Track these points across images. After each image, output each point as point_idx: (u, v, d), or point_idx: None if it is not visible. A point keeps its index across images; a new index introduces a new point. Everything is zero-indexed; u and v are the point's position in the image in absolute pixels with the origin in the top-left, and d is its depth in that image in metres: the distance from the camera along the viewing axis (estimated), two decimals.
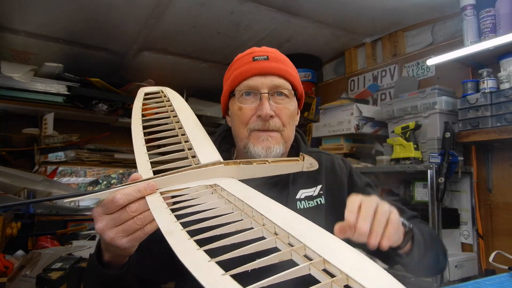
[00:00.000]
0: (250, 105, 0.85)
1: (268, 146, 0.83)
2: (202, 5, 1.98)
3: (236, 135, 0.89)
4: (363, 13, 2.12)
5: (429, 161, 1.72)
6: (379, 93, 2.45)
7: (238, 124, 0.86)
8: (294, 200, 0.89)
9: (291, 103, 0.87)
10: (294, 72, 0.91)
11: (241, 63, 0.88)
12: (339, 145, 2.27)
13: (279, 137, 0.85)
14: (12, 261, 2.19)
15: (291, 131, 0.88)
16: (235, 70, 0.88)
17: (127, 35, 2.31)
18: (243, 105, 0.85)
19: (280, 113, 0.84)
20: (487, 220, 1.80)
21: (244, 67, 0.86)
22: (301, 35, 2.39)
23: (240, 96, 0.86)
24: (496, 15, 1.67)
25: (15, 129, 2.64)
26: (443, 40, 2.09)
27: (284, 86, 0.86)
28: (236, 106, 0.86)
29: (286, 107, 0.85)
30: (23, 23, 2.12)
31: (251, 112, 0.84)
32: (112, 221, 0.57)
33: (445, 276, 1.62)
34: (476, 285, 0.86)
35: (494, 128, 1.61)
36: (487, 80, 1.69)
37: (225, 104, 0.94)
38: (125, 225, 0.57)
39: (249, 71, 0.85)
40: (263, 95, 0.83)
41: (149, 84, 2.70)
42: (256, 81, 0.84)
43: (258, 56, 0.86)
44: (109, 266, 0.68)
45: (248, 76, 0.85)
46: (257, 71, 0.84)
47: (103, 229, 0.57)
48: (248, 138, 0.85)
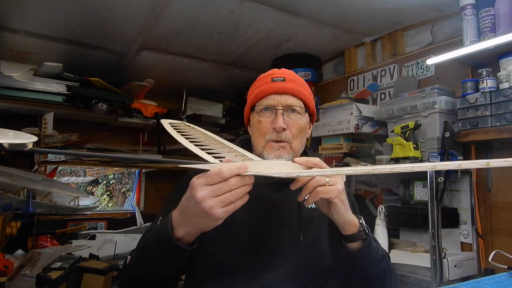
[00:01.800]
0: (267, 119, 1.00)
1: (279, 154, 0.97)
2: (202, 5, 1.98)
3: (255, 144, 1.04)
4: (363, 12, 2.12)
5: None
6: (378, 93, 2.45)
7: (257, 134, 1.02)
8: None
9: (302, 119, 1.02)
10: (306, 92, 1.05)
11: (262, 82, 1.05)
12: (338, 144, 2.27)
13: (288, 147, 0.99)
14: (11, 260, 2.19)
15: (300, 143, 1.03)
16: (257, 88, 1.04)
17: (127, 34, 2.31)
18: (262, 119, 1.01)
19: (291, 127, 0.99)
20: (486, 220, 1.80)
21: (264, 86, 1.02)
22: (300, 35, 2.39)
23: (260, 111, 1.02)
24: (496, 14, 1.67)
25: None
26: (442, 40, 2.09)
27: (297, 104, 1.01)
28: (256, 119, 1.02)
29: (298, 122, 1.00)
30: (22, 23, 2.12)
31: (268, 125, 1.00)
32: (213, 191, 0.67)
33: (444, 275, 1.63)
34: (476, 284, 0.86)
35: (493, 128, 1.62)
36: (486, 80, 1.69)
37: (247, 116, 1.10)
38: (223, 196, 0.68)
39: (268, 90, 1.01)
40: (278, 111, 0.99)
41: (149, 84, 2.70)
42: (273, 99, 1.00)
43: (276, 77, 1.02)
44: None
45: (266, 94, 1.01)
46: (274, 90, 1.00)
47: (205, 197, 0.67)
48: (264, 148, 1.00)
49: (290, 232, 0.96)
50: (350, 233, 0.86)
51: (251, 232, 0.94)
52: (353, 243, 0.87)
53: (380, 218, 1.93)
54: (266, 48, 2.57)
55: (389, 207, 1.96)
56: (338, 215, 0.83)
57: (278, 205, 0.99)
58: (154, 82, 2.71)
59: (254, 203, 0.96)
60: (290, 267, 0.93)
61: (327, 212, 0.84)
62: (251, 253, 0.93)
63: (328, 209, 0.84)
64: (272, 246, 0.94)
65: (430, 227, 1.65)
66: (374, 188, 2.38)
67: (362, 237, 0.87)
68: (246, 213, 0.94)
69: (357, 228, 0.86)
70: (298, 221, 0.97)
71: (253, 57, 2.69)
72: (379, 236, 1.90)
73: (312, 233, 0.98)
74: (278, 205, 0.99)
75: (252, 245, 0.93)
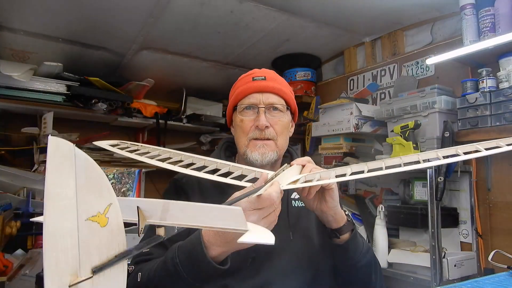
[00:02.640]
0: (250, 117, 1.00)
1: (263, 152, 0.98)
2: (202, 4, 1.98)
3: (238, 143, 1.04)
4: (363, 12, 2.12)
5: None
6: (378, 92, 2.45)
7: (240, 133, 1.02)
8: (290, 199, 1.02)
9: (284, 116, 1.03)
10: (288, 91, 1.06)
11: (242, 82, 1.05)
12: (338, 144, 2.27)
13: (273, 144, 1.00)
14: (11, 260, 2.19)
15: (284, 140, 1.03)
16: (238, 88, 1.05)
17: (127, 34, 2.30)
18: (244, 117, 1.01)
19: (274, 125, 1.00)
20: (486, 219, 1.80)
21: (245, 86, 1.02)
22: (300, 34, 2.39)
23: (242, 110, 1.02)
24: (496, 14, 1.67)
25: (15, 128, 2.64)
26: (442, 39, 2.09)
27: (278, 102, 1.02)
28: (238, 118, 1.02)
29: (280, 120, 1.01)
30: (22, 22, 2.11)
31: (250, 123, 0.99)
32: (262, 214, 0.71)
33: (444, 275, 1.63)
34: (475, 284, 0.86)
35: (493, 127, 1.62)
36: (486, 79, 1.69)
37: (230, 116, 1.09)
38: (269, 216, 0.73)
39: (249, 89, 1.01)
40: (260, 109, 0.99)
41: (148, 84, 2.70)
42: (255, 97, 1.01)
43: (257, 76, 1.03)
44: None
45: (248, 93, 1.01)
46: (256, 89, 1.01)
47: (256, 222, 0.70)
48: (247, 146, 1.00)
49: (279, 230, 0.96)
50: (340, 225, 0.88)
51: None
52: (343, 235, 0.89)
53: (380, 217, 1.93)
54: (266, 47, 2.57)
55: (388, 207, 1.97)
56: (333, 202, 0.84)
57: None
58: (154, 82, 2.70)
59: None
60: (283, 265, 0.93)
61: (319, 206, 0.86)
62: (244, 254, 0.92)
63: (319, 203, 0.85)
64: (264, 246, 0.94)
65: (430, 226, 1.65)
66: (374, 188, 2.38)
67: (351, 227, 0.90)
68: None
69: (345, 220, 0.90)
70: (287, 220, 0.98)
71: (253, 56, 2.69)
72: (378, 236, 1.91)
73: (302, 230, 0.99)
74: None
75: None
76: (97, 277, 0.34)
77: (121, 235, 0.36)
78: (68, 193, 0.32)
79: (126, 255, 0.36)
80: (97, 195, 0.34)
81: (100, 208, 0.35)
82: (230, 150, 1.13)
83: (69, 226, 0.32)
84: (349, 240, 0.89)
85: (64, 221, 0.32)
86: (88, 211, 0.34)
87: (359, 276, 0.96)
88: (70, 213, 0.32)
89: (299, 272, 0.95)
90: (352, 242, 0.90)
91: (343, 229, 0.89)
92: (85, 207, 0.33)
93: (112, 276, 0.35)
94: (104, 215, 0.35)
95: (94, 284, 0.34)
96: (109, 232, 0.35)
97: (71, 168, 0.33)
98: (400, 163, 0.73)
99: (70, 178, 0.33)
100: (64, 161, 0.32)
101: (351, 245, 0.90)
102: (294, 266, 0.94)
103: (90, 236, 0.34)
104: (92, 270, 0.34)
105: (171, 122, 3.01)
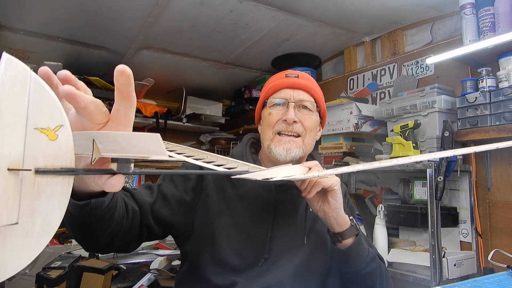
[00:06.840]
0: (278, 111, 0.98)
1: (288, 148, 0.94)
2: (201, 4, 1.98)
3: (263, 137, 1.01)
4: (362, 12, 2.12)
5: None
6: (378, 92, 2.45)
7: (266, 126, 0.99)
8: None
9: (313, 116, 1.00)
10: (319, 92, 1.04)
11: (275, 79, 1.04)
12: (338, 144, 2.27)
13: (300, 141, 0.96)
14: None
15: (311, 139, 1.00)
16: (269, 84, 1.03)
17: (126, 33, 2.30)
18: (272, 111, 0.98)
19: (303, 121, 0.97)
20: (486, 219, 1.80)
21: (277, 81, 1.01)
22: (300, 34, 2.39)
23: (271, 105, 1.00)
24: (495, 13, 1.67)
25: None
26: (442, 39, 2.09)
27: (309, 100, 0.99)
28: (267, 112, 1.00)
29: (310, 117, 0.98)
30: (22, 22, 2.11)
31: (278, 117, 0.97)
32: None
33: (444, 274, 1.63)
34: (475, 283, 0.86)
35: (493, 127, 1.62)
36: (486, 79, 1.69)
37: (259, 114, 1.07)
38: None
39: (281, 84, 1.00)
40: (290, 104, 0.97)
41: (148, 83, 2.70)
42: (286, 93, 0.99)
43: (290, 74, 1.02)
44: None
45: (279, 88, 1.00)
46: (287, 85, 0.99)
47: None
48: (272, 140, 0.97)
49: (296, 233, 0.97)
50: (344, 229, 0.87)
51: (260, 232, 0.94)
52: (346, 240, 0.88)
53: (379, 217, 1.93)
54: (266, 47, 2.56)
55: (388, 206, 1.97)
56: (335, 204, 0.84)
57: (287, 206, 0.99)
58: (153, 81, 2.71)
59: (266, 203, 0.96)
60: (294, 267, 0.93)
61: (322, 207, 0.85)
62: (258, 254, 0.93)
63: (322, 204, 0.85)
64: (278, 246, 0.94)
65: (430, 226, 1.65)
66: (374, 187, 2.38)
67: (354, 233, 0.89)
68: (258, 213, 0.95)
69: (349, 224, 0.88)
70: (304, 224, 0.98)
71: (252, 56, 2.69)
72: (378, 235, 1.91)
73: (316, 233, 0.99)
74: (287, 206, 0.99)
75: (259, 244, 0.93)
76: (39, 177, 0.33)
77: (70, 154, 0.35)
78: (19, 107, 0.32)
79: (73, 171, 0.35)
80: (49, 115, 0.34)
81: (50, 125, 0.34)
82: (254, 147, 1.10)
83: (18, 129, 0.32)
84: (352, 246, 0.88)
85: (13, 123, 0.32)
86: (37, 123, 0.33)
87: (361, 284, 0.94)
88: (19, 121, 0.32)
89: (310, 276, 0.94)
90: (354, 248, 0.88)
91: (345, 234, 0.87)
92: (35, 120, 0.33)
93: (55, 187, 0.34)
94: (53, 132, 0.34)
95: (36, 184, 0.33)
96: (57, 146, 0.34)
97: (24, 89, 0.32)
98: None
99: (23, 95, 0.32)
100: (18, 81, 0.32)
101: (354, 251, 0.88)
102: (306, 270, 0.94)
103: (37, 143, 0.33)
104: (36, 169, 0.33)
105: (171, 122, 3.01)
